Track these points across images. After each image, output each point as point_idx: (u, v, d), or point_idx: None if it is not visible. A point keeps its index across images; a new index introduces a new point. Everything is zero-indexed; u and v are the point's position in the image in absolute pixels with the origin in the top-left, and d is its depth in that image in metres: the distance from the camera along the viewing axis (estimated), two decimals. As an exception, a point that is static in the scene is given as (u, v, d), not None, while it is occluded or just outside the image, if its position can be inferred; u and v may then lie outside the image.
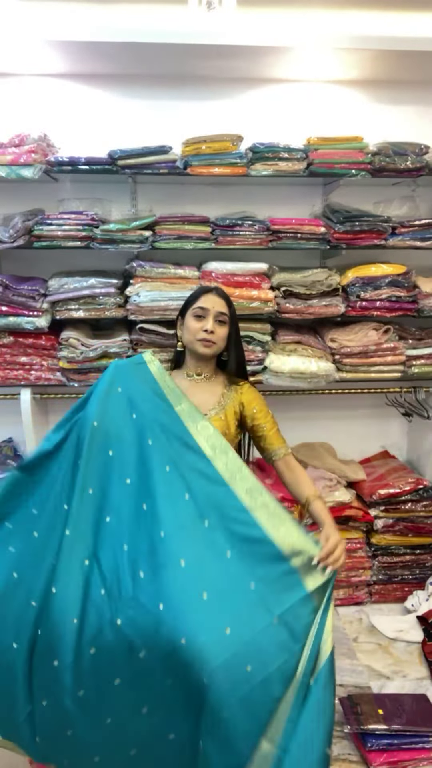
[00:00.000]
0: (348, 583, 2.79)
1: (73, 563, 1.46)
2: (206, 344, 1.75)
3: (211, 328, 1.74)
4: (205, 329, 1.74)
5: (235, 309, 1.84)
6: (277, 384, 2.63)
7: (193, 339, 1.76)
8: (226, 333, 1.79)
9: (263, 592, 1.46)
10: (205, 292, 1.80)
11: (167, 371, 1.75)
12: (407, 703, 2.12)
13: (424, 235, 2.59)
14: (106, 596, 1.44)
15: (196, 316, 1.76)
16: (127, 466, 1.56)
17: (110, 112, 2.67)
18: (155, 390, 1.64)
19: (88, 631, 1.41)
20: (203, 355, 1.77)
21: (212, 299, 1.78)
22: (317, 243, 2.56)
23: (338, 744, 2.04)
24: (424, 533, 2.78)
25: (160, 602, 1.39)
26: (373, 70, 2.61)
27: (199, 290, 1.83)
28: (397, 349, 2.66)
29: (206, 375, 1.81)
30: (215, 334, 1.75)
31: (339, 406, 3.08)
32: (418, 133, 2.69)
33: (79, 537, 1.48)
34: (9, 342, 2.53)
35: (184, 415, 1.60)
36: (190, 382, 1.80)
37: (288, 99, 2.73)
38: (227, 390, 1.81)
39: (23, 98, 2.64)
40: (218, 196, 2.73)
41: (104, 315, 2.52)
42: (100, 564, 1.48)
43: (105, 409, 1.58)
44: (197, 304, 1.77)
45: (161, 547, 1.45)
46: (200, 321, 1.75)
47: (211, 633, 1.36)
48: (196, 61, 2.49)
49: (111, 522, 1.51)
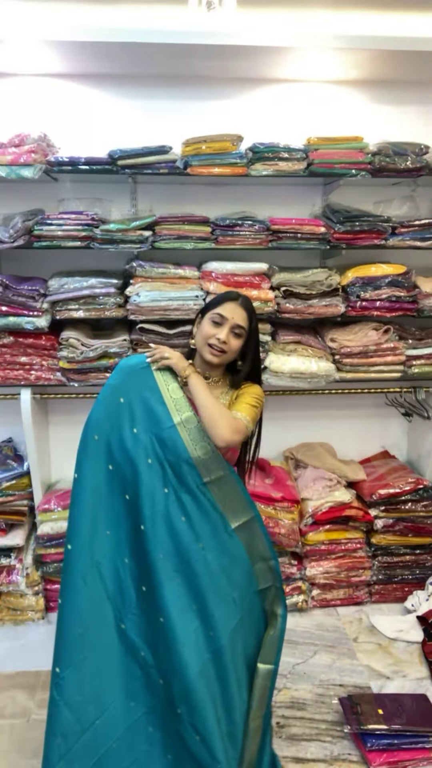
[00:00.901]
0: (348, 583, 2.79)
1: (74, 573, 1.58)
2: (213, 352, 1.67)
3: (224, 338, 1.65)
4: (218, 337, 1.65)
5: (257, 323, 1.75)
6: (277, 384, 2.63)
7: (203, 343, 1.69)
8: (240, 345, 1.71)
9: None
10: (230, 300, 1.70)
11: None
12: (407, 703, 2.12)
13: (424, 235, 2.59)
14: (108, 600, 1.59)
15: (214, 321, 1.67)
16: (126, 482, 1.59)
17: (110, 112, 2.67)
18: (157, 399, 1.61)
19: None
20: (209, 361, 1.70)
21: (234, 309, 1.68)
22: (317, 243, 2.56)
23: (338, 744, 2.04)
24: (424, 533, 2.78)
25: (161, 616, 1.54)
26: (373, 70, 2.61)
27: (225, 296, 1.72)
28: (397, 349, 2.66)
29: (214, 379, 1.75)
30: (228, 344, 1.67)
31: (339, 406, 3.08)
32: (418, 133, 2.69)
33: (81, 547, 1.58)
34: (9, 342, 2.53)
35: (182, 428, 1.59)
36: None
37: (288, 99, 2.73)
38: (228, 392, 1.77)
39: (23, 98, 2.64)
40: (218, 196, 2.73)
41: (104, 315, 2.52)
42: (101, 571, 1.59)
43: (107, 422, 1.60)
44: (218, 309, 1.68)
45: (160, 566, 1.55)
46: (216, 327, 1.67)
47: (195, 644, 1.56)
48: (196, 61, 2.49)
49: (111, 536, 1.60)
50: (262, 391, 1.76)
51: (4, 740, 2.07)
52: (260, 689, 1.66)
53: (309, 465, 2.93)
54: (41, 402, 2.78)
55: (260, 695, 1.65)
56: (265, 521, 2.62)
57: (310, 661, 2.46)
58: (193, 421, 1.59)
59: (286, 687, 2.31)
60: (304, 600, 2.75)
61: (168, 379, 1.64)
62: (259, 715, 1.65)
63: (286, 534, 2.65)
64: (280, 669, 2.38)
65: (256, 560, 1.66)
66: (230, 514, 1.61)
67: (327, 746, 2.04)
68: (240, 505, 1.63)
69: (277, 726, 2.12)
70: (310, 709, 2.20)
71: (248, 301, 1.73)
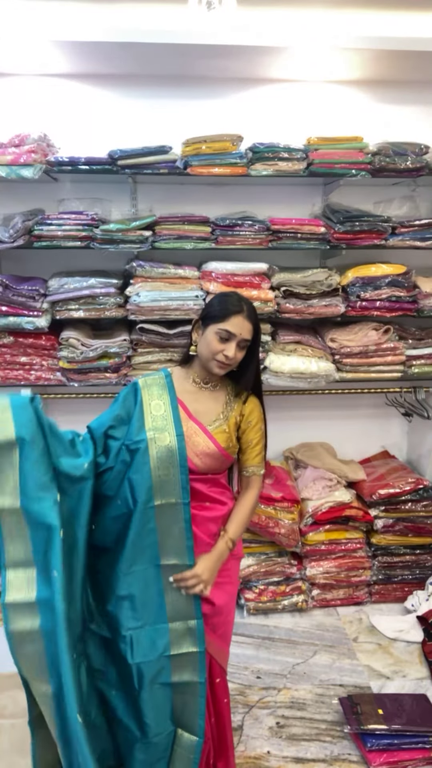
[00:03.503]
0: (348, 583, 2.79)
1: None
2: (221, 365, 1.64)
3: (233, 355, 1.61)
4: (226, 354, 1.61)
5: (260, 329, 1.70)
6: (277, 384, 2.63)
7: (210, 357, 1.63)
8: (243, 355, 1.67)
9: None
10: (236, 313, 1.61)
11: (167, 384, 1.63)
12: (407, 703, 2.12)
13: (424, 235, 2.59)
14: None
15: (221, 337, 1.61)
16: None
17: (110, 112, 2.67)
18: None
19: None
20: (216, 374, 1.67)
21: (241, 324, 1.61)
22: (317, 243, 2.56)
23: (338, 744, 2.04)
24: (424, 533, 2.78)
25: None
26: (373, 70, 2.61)
27: (230, 307, 1.63)
28: (397, 349, 2.66)
29: (213, 383, 1.72)
30: (234, 358, 1.63)
31: (339, 406, 3.08)
32: (418, 133, 2.70)
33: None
34: (9, 342, 2.53)
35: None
36: (195, 388, 1.72)
37: (288, 99, 2.73)
38: (231, 399, 1.74)
39: (23, 98, 2.64)
40: (218, 196, 2.73)
41: (104, 315, 2.52)
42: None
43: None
44: (224, 325, 1.60)
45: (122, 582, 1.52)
46: (223, 343, 1.61)
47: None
48: (196, 61, 2.49)
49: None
50: (261, 408, 1.75)
51: (4, 740, 2.07)
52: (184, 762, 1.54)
53: (309, 465, 2.93)
54: (41, 402, 2.78)
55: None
56: (265, 521, 2.64)
57: (310, 661, 2.46)
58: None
59: (286, 687, 2.31)
60: (303, 600, 2.75)
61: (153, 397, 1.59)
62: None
63: (285, 534, 2.65)
64: (281, 669, 2.41)
65: (175, 618, 1.53)
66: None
67: (327, 746, 2.04)
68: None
69: (277, 726, 2.12)
70: (310, 709, 2.20)
71: (253, 310, 1.67)
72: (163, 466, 1.49)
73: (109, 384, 2.58)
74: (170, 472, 1.49)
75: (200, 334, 1.68)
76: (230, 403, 1.72)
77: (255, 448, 1.73)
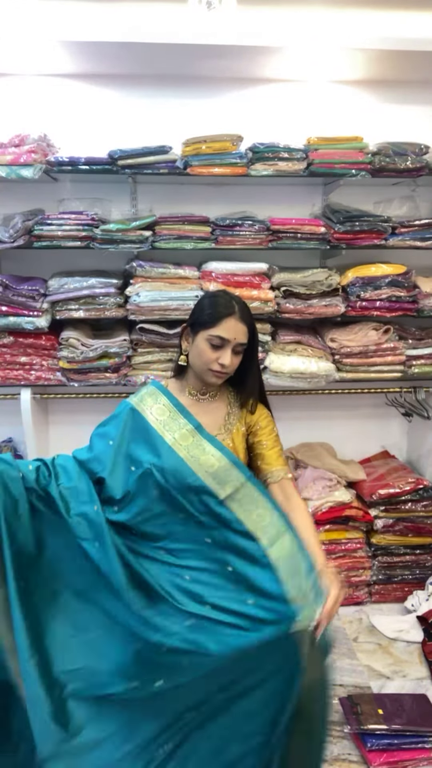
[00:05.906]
0: (348, 583, 2.79)
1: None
2: (217, 375, 1.52)
3: (228, 362, 1.49)
4: (221, 363, 1.49)
5: (257, 331, 1.58)
6: (277, 384, 2.63)
7: (204, 368, 1.52)
8: (240, 360, 1.54)
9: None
10: (228, 316, 1.48)
11: (164, 395, 1.56)
12: (407, 703, 2.12)
13: (424, 235, 2.59)
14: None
15: (213, 345, 1.48)
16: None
17: (110, 112, 2.67)
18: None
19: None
20: (212, 384, 1.56)
21: (234, 327, 1.48)
22: (317, 243, 2.56)
23: (338, 744, 2.04)
24: (424, 533, 2.78)
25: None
26: (373, 70, 2.61)
27: (221, 310, 1.49)
28: (397, 349, 2.66)
29: (211, 394, 1.61)
30: (231, 366, 1.51)
31: (339, 406, 3.08)
32: (418, 133, 2.69)
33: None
34: (9, 342, 2.53)
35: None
36: (192, 401, 1.59)
37: (288, 99, 2.72)
38: (233, 409, 1.63)
39: (23, 98, 2.64)
40: (218, 196, 2.73)
41: (104, 315, 2.52)
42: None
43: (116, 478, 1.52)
44: (216, 331, 1.47)
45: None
46: (216, 351, 1.48)
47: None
48: (196, 61, 2.48)
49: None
50: (266, 409, 1.68)
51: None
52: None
53: (309, 465, 2.93)
54: (41, 402, 2.78)
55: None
56: (265, 521, 2.64)
57: (310, 661, 2.46)
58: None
59: (286, 687, 2.31)
60: (304, 600, 2.75)
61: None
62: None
63: (286, 534, 2.65)
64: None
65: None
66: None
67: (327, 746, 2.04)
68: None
69: (277, 726, 2.12)
70: (310, 709, 2.20)
71: (246, 309, 1.54)
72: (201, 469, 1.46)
73: (109, 384, 2.58)
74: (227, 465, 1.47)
75: (190, 342, 1.55)
76: (233, 414, 1.62)
77: (273, 449, 1.63)
